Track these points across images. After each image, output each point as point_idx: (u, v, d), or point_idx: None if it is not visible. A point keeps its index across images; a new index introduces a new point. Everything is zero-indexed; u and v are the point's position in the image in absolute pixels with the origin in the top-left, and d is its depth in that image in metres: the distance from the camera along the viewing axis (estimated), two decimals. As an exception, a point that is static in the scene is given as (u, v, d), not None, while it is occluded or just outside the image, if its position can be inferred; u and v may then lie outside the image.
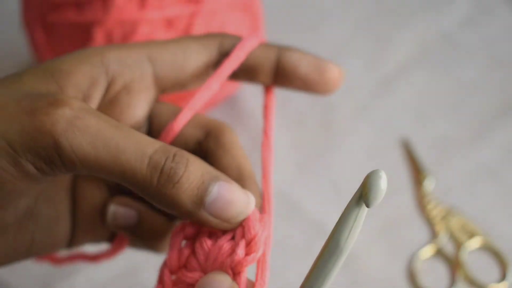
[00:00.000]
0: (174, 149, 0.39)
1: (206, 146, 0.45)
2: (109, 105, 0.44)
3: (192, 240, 0.42)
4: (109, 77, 0.43)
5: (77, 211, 0.47)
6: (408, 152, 0.71)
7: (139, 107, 0.45)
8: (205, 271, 0.40)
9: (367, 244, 0.66)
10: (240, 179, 0.44)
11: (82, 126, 0.37)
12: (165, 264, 0.41)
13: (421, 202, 0.69)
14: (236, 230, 0.41)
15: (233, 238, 0.41)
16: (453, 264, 0.65)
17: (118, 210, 0.46)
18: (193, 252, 0.41)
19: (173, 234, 0.42)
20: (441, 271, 0.65)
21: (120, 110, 0.44)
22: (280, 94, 0.46)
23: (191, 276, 0.40)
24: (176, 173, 0.38)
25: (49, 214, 0.46)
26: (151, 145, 0.38)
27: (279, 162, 0.45)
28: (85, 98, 0.42)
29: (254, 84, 0.47)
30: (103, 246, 0.52)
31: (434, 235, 0.67)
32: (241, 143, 0.46)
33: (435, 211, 0.68)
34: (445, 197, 0.69)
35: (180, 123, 0.45)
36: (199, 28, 0.63)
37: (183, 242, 0.41)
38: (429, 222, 0.68)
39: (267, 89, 0.48)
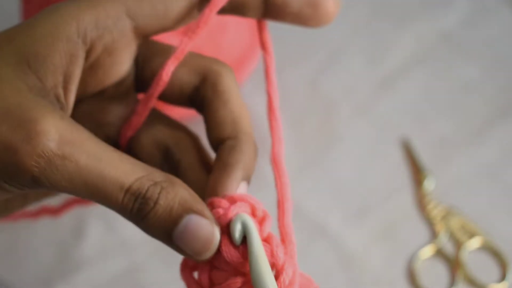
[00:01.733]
0: (148, 183, 0.38)
1: (203, 94, 0.44)
2: (91, 70, 0.42)
3: (203, 266, 0.40)
4: (87, 45, 0.41)
5: None
6: (408, 152, 0.71)
7: (122, 64, 0.43)
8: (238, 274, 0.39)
9: (367, 244, 0.66)
10: (235, 136, 0.43)
11: (61, 165, 0.37)
12: None
13: (421, 202, 0.69)
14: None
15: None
16: (453, 264, 0.65)
17: None
18: (213, 268, 0.40)
19: (181, 272, 0.41)
20: (441, 271, 0.65)
21: (103, 72, 0.43)
22: (280, 94, 0.46)
23: (230, 282, 0.39)
24: (144, 209, 0.38)
25: None
26: (129, 179, 0.38)
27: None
28: (66, 78, 0.41)
29: (244, 18, 0.45)
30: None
31: (434, 235, 0.67)
32: None
33: (435, 211, 0.68)
34: (445, 197, 0.69)
35: (169, 70, 0.43)
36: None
37: (195, 274, 0.40)
38: (429, 222, 0.68)
39: (260, 24, 0.45)
